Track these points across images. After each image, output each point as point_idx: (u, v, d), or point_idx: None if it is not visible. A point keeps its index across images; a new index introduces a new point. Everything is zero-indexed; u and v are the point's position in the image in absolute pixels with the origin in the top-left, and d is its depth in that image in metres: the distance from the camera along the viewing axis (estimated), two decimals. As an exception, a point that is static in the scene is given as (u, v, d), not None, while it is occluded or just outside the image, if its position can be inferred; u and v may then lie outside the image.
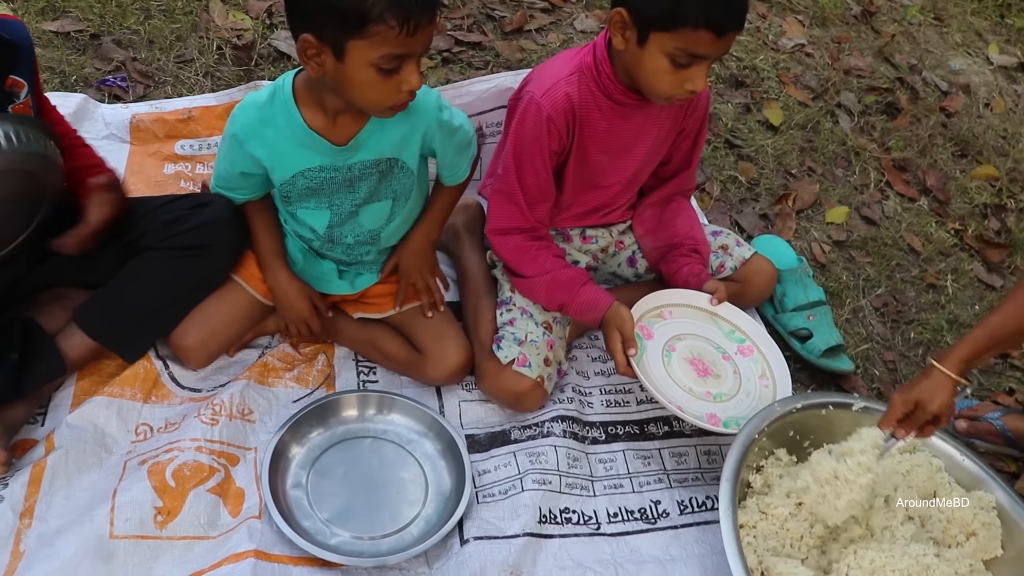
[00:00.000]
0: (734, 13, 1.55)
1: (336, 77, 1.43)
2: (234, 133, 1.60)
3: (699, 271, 1.93)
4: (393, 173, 1.67)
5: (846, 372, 2.12)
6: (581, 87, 1.72)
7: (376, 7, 1.31)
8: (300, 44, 1.40)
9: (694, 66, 1.58)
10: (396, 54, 1.37)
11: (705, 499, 1.80)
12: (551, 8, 3.07)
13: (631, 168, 1.88)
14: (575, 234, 2.01)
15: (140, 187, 2.15)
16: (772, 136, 2.80)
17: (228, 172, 1.68)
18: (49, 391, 1.72)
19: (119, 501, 1.54)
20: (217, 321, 1.78)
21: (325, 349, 1.91)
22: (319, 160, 1.60)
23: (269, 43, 2.60)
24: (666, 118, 1.84)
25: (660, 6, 1.53)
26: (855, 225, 2.59)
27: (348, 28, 1.34)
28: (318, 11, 1.35)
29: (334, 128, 1.58)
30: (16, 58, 1.47)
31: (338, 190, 1.65)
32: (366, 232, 1.75)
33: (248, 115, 1.59)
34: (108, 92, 2.36)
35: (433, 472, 1.73)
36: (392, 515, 1.66)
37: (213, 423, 1.68)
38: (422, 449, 1.76)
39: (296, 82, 1.56)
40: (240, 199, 1.74)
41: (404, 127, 1.62)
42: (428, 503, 1.68)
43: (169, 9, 2.64)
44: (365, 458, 1.74)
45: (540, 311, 1.85)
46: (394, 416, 1.80)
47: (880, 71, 3.21)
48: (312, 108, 1.56)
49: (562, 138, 1.75)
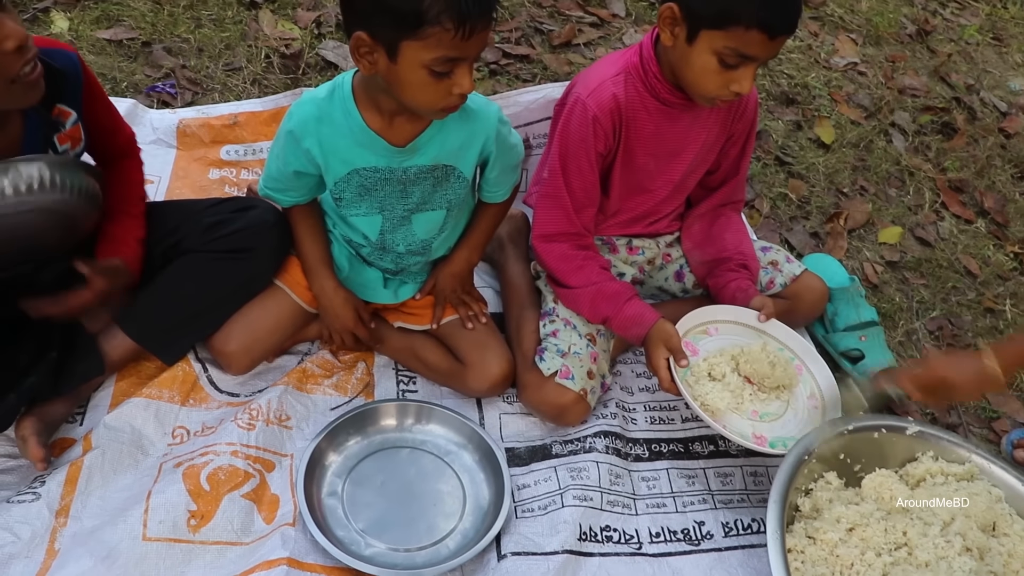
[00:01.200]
0: (788, 16, 1.52)
1: (387, 77, 1.41)
2: (291, 130, 1.57)
3: (747, 287, 1.88)
4: (449, 181, 1.65)
5: (899, 395, 2.04)
6: (628, 87, 1.70)
7: (433, 9, 1.29)
8: (353, 41, 1.38)
9: (742, 67, 1.55)
10: (450, 57, 1.35)
11: (751, 522, 1.74)
12: (600, 23, 3.05)
13: (678, 172, 1.84)
14: (621, 244, 1.97)
15: (185, 191, 2.16)
16: (823, 154, 2.74)
17: (280, 171, 1.65)
18: (88, 391, 1.72)
19: (153, 503, 1.52)
20: (260, 328, 1.77)
21: (365, 357, 1.89)
22: (375, 160, 1.58)
23: (317, 52, 2.61)
24: (714, 123, 1.80)
25: (713, 4, 1.51)
26: (909, 246, 2.51)
27: (403, 28, 1.32)
28: (374, 10, 1.33)
29: (391, 129, 1.55)
30: (63, 87, 1.48)
31: (391, 193, 1.63)
32: (418, 242, 1.73)
33: (306, 111, 1.56)
34: (157, 98, 2.38)
35: (471, 485, 1.69)
36: (428, 527, 1.62)
37: (250, 428, 1.67)
38: (461, 461, 1.73)
39: (354, 81, 1.54)
40: (287, 202, 1.71)
41: (463, 134, 1.60)
42: (465, 516, 1.65)
43: (219, 18, 2.66)
44: (402, 468, 1.71)
45: (584, 323, 1.81)
46: (433, 427, 1.76)
47: (936, 91, 3.13)
48: (370, 108, 1.53)
49: (608, 139, 1.72)
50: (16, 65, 1.28)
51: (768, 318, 1.81)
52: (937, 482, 1.67)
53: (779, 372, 1.75)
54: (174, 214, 1.77)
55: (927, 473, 1.69)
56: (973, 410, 2.10)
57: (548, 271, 1.85)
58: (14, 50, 1.26)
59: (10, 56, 1.26)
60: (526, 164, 2.14)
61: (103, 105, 1.63)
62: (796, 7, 1.54)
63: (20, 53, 1.27)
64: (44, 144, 1.49)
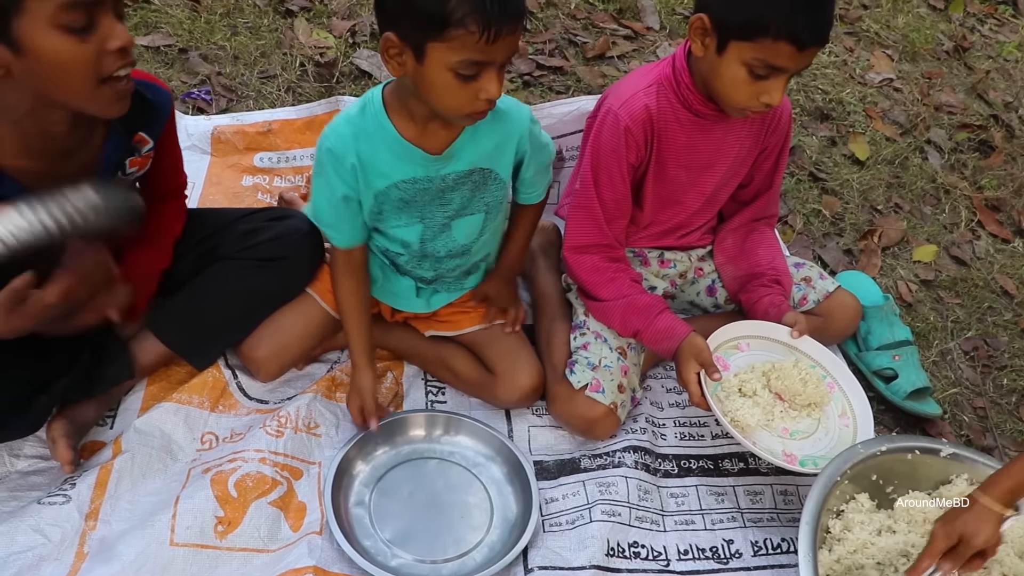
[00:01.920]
0: (817, 28, 1.51)
1: (415, 79, 1.41)
2: (329, 148, 1.55)
3: (780, 302, 1.86)
4: (486, 184, 1.64)
5: (933, 416, 2.01)
6: (660, 99, 1.69)
7: (458, 11, 1.29)
8: (383, 42, 1.38)
9: (772, 78, 1.54)
10: (475, 60, 1.34)
11: (780, 541, 1.71)
12: (634, 35, 3.04)
13: (710, 185, 1.83)
14: (653, 257, 1.96)
15: (218, 198, 2.18)
16: (858, 171, 2.71)
17: (330, 200, 1.59)
18: (119, 394, 1.73)
19: (181, 508, 1.53)
20: (290, 334, 1.77)
21: (394, 367, 1.89)
22: (412, 171, 1.57)
23: (351, 61, 2.62)
24: (747, 135, 1.79)
25: (742, 15, 1.50)
26: (944, 265, 2.48)
27: (429, 30, 1.32)
28: (402, 11, 1.34)
29: (425, 136, 1.55)
30: (149, 117, 1.51)
31: (430, 202, 1.62)
32: (459, 246, 1.71)
33: (341, 130, 1.55)
34: (192, 104, 2.40)
35: (499, 497, 1.68)
36: (455, 539, 1.61)
37: (278, 435, 1.67)
38: (489, 473, 1.72)
39: (385, 93, 1.54)
40: (342, 240, 1.64)
41: (497, 136, 1.60)
42: (493, 529, 1.64)
43: (255, 26, 2.68)
44: (430, 479, 1.70)
45: (615, 336, 1.79)
46: (461, 438, 1.76)
47: (973, 108, 3.09)
48: (403, 117, 1.53)
49: (640, 150, 1.71)
50: (113, 65, 1.28)
51: (801, 334, 1.78)
52: None
53: (811, 389, 1.73)
54: (209, 221, 1.77)
55: (961, 496, 1.65)
56: (1009, 432, 2.06)
57: (579, 283, 1.84)
58: (116, 50, 1.27)
59: (110, 55, 1.27)
60: (558, 176, 2.14)
61: (173, 146, 1.66)
62: (826, 19, 1.53)
63: (120, 56, 1.28)
64: (118, 165, 1.52)
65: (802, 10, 1.47)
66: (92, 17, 1.24)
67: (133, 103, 1.40)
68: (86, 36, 1.24)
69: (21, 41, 1.21)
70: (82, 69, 1.26)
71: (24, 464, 1.61)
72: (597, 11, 3.10)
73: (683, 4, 3.24)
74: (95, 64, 1.27)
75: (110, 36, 1.26)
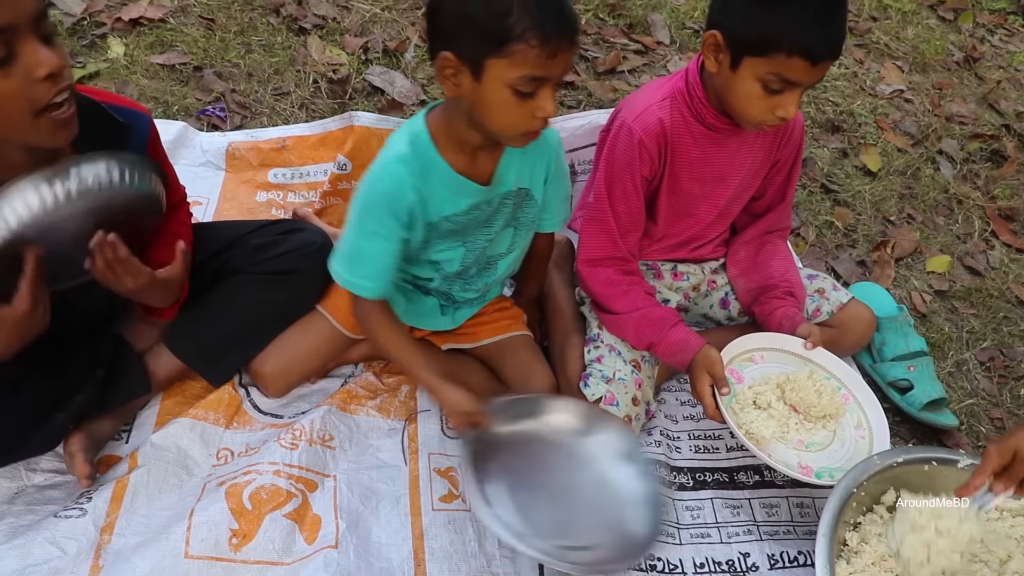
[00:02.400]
0: (829, 42, 1.51)
1: (472, 98, 1.40)
2: (385, 192, 1.49)
3: (794, 314, 1.86)
4: (526, 203, 1.66)
5: (949, 427, 2.00)
6: (673, 112, 1.70)
7: (518, 26, 1.29)
8: (439, 62, 1.37)
9: (786, 92, 1.55)
10: (534, 76, 1.34)
11: (797, 554, 1.70)
12: (644, 50, 3.05)
13: (723, 198, 1.84)
14: (666, 270, 1.96)
15: (232, 214, 2.19)
16: (870, 182, 2.71)
17: (385, 247, 1.53)
18: (135, 409, 1.74)
19: (196, 521, 1.53)
20: (298, 352, 1.78)
21: (408, 381, 1.89)
22: (466, 202, 1.56)
23: (364, 78, 2.64)
24: (760, 148, 1.79)
25: (754, 31, 1.51)
26: (958, 275, 2.47)
27: (489, 46, 1.32)
28: (460, 29, 1.33)
29: (475, 166, 1.54)
30: (122, 142, 1.46)
31: (477, 227, 1.62)
32: (494, 263, 1.73)
33: (394, 170, 1.50)
34: (207, 121, 2.42)
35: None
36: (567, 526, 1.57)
37: (293, 448, 1.67)
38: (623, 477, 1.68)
39: (430, 127, 1.52)
40: (377, 290, 1.58)
41: (532, 154, 1.60)
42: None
43: (269, 44, 2.71)
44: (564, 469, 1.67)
45: (629, 349, 1.79)
46: (602, 436, 1.71)
47: (984, 118, 3.09)
48: (451, 150, 1.51)
49: (653, 163, 1.71)
50: (45, 95, 1.21)
51: (815, 346, 1.78)
52: (992, 517, 1.62)
53: (825, 401, 1.72)
54: (222, 235, 1.78)
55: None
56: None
57: (592, 296, 1.84)
58: (44, 78, 1.19)
59: (41, 85, 1.20)
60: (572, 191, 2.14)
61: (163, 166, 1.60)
62: (839, 33, 1.53)
63: (51, 82, 1.21)
64: None
65: (814, 25, 1.48)
66: (10, 46, 1.17)
67: (100, 127, 1.36)
68: (8, 69, 1.17)
69: None
70: (11, 103, 1.19)
71: (41, 478, 1.61)
72: (608, 26, 3.12)
73: (693, 18, 3.25)
74: (25, 95, 1.20)
75: (35, 64, 1.18)
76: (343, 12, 2.89)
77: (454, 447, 1.77)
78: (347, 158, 2.25)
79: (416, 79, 2.67)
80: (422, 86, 2.65)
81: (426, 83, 2.67)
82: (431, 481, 1.70)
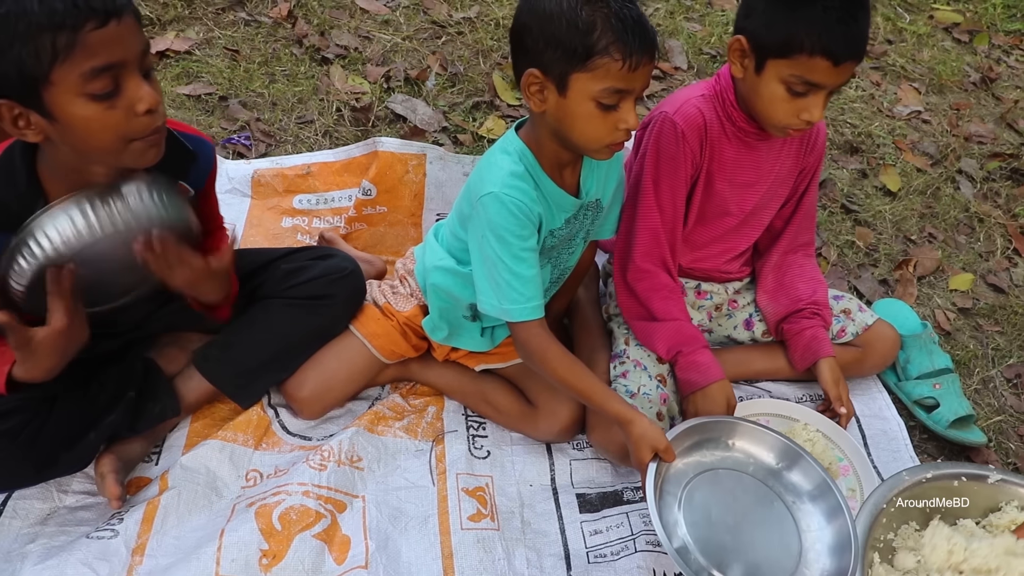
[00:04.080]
0: (851, 42, 1.53)
1: (557, 113, 1.45)
2: (518, 205, 1.51)
3: (821, 336, 1.88)
4: (597, 214, 1.70)
5: (977, 444, 1.98)
6: (710, 109, 1.72)
7: (601, 41, 1.36)
8: (525, 79, 1.44)
9: (811, 95, 1.57)
10: (617, 88, 1.39)
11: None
12: (662, 75, 3.08)
13: (750, 203, 1.84)
14: (690, 288, 1.97)
15: (259, 239, 2.22)
16: (890, 202, 2.71)
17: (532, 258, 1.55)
18: (164, 431, 1.76)
19: (226, 541, 1.53)
20: (336, 377, 1.80)
21: (435, 402, 1.90)
22: (563, 216, 1.62)
23: (386, 106, 2.67)
24: (787, 155, 1.81)
25: (777, 34, 1.53)
26: (981, 292, 2.46)
27: (573, 61, 1.38)
28: (545, 46, 1.40)
29: (564, 180, 1.60)
30: (189, 168, 1.53)
31: (567, 242, 1.67)
32: (562, 278, 1.78)
33: (516, 184, 1.52)
34: (233, 149, 2.46)
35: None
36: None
37: (321, 468, 1.68)
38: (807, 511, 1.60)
39: (527, 143, 1.56)
40: (540, 306, 1.59)
41: (605, 164, 1.65)
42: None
43: (292, 74, 2.75)
44: (738, 495, 1.61)
45: (654, 364, 1.80)
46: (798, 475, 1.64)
47: (1003, 137, 3.09)
48: (547, 165, 1.57)
49: (695, 158, 1.74)
50: (143, 129, 1.28)
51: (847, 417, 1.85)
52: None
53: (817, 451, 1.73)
54: (252, 261, 1.80)
55: (1012, 524, 1.63)
56: (1058, 460, 2.03)
57: (633, 295, 1.83)
58: (143, 113, 1.27)
59: (140, 119, 1.27)
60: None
61: (213, 197, 1.67)
62: (860, 32, 1.55)
63: (150, 117, 1.28)
64: None
65: (835, 25, 1.50)
66: (118, 81, 1.24)
67: (175, 153, 1.42)
68: (113, 101, 1.24)
69: (51, 110, 1.23)
70: (111, 132, 1.27)
71: (72, 500, 1.63)
72: (625, 52, 3.15)
73: (710, 44, 3.29)
74: (124, 127, 1.27)
75: (137, 99, 1.25)
76: (364, 42, 2.94)
77: (482, 467, 1.77)
78: (371, 183, 2.27)
79: (438, 106, 2.71)
80: (444, 113, 2.68)
81: (447, 110, 2.71)
82: (459, 501, 1.70)
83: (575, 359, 1.63)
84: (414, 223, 2.30)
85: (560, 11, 1.38)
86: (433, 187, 2.34)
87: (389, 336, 1.81)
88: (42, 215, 1.31)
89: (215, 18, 2.94)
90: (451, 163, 2.37)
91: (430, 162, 2.35)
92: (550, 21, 1.39)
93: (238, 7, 3.00)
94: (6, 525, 1.57)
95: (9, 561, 1.51)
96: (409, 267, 1.87)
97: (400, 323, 1.82)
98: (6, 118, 1.24)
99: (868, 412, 2.01)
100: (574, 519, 1.72)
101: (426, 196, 2.34)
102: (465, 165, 2.37)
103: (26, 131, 1.27)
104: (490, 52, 3.00)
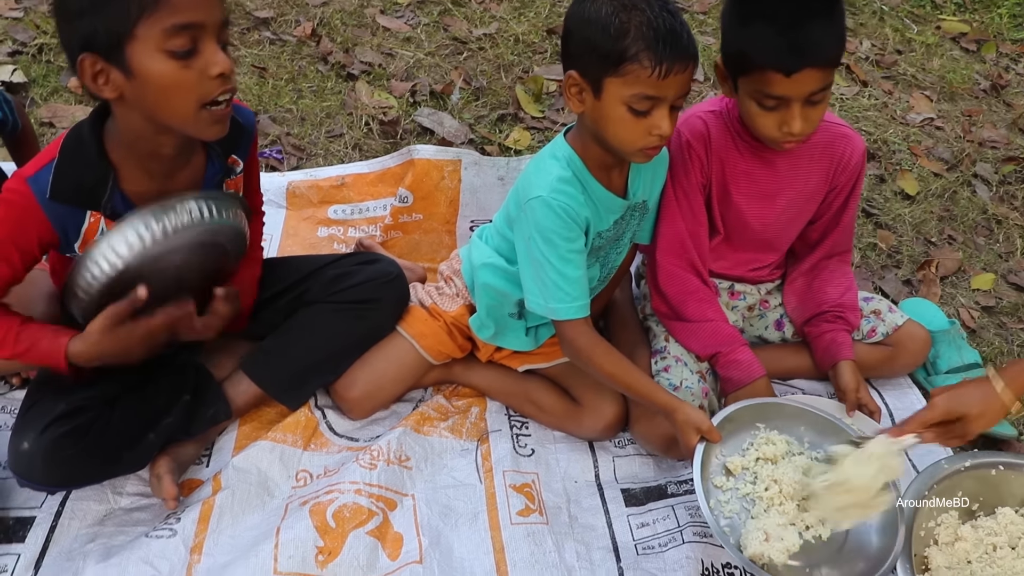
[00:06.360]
0: (798, 51, 1.52)
1: (593, 115, 1.51)
2: (565, 208, 1.56)
3: (841, 339, 1.91)
4: (644, 213, 1.75)
5: (1008, 438, 2.01)
6: (719, 123, 1.77)
7: (632, 47, 1.41)
8: (566, 80, 1.51)
9: (782, 108, 1.59)
10: (647, 95, 1.44)
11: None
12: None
13: (771, 215, 1.87)
14: (723, 288, 2.01)
15: (295, 249, 2.26)
16: (909, 205, 2.76)
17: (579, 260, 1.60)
18: (215, 434, 1.79)
19: (283, 538, 1.56)
20: (385, 377, 1.83)
21: (478, 403, 1.93)
22: (612, 218, 1.67)
23: (413, 119, 2.72)
24: (815, 171, 1.83)
25: (733, 52, 1.59)
26: (1003, 291, 2.50)
27: (607, 66, 1.44)
28: (584, 50, 1.47)
29: (612, 181, 1.65)
30: (240, 140, 1.59)
31: (614, 243, 1.71)
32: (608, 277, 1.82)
33: (563, 188, 1.57)
34: (265, 163, 2.50)
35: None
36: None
37: (371, 467, 1.71)
38: None
39: (575, 147, 1.61)
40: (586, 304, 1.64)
41: (652, 166, 1.69)
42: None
43: (319, 90, 2.81)
44: None
45: (695, 360, 1.84)
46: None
47: (1016, 142, 3.15)
48: (594, 168, 1.61)
49: (703, 166, 1.77)
50: (215, 91, 1.34)
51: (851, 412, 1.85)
52: None
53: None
54: (298, 268, 1.85)
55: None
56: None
57: (664, 298, 1.87)
58: (217, 76, 1.32)
59: (211, 81, 1.33)
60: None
61: (256, 166, 1.73)
62: (809, 40, 1.52)
63: (221, 80, 1.34)
64: (217, 186, 1.59)
65: (778, 37, 1.52)
66: (196, 42, 1.30)
67: (232, 129, 1.47)
68: (189, 61, 1.30)
69: (132, 65, 1.29)
70: (184, 93, 1.33)
71: (127, 501, 1.66)
72: (642, 65, 3.20)
73: (724, 55, 3.34)
74: (197, 88, 1.33)
75: (212, 63, 1.32)
76: (388, 59, 3.00)
77: (527, 464, 1.81)
78: (408, 190, 2.32)
79: (463, 119, 2.76)
80: (470, 126, 2.74)
81: (473, 123, 2.76)
82: (508, 497, 1.73)
83: (620, 355, 1.67)
84: (448, 231, 2.34)
85: (598, 17, 1.44)
86: (468, 193, 2.38)
87: (436, 336, 1.84)
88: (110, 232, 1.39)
89: (240, 37, 3.00)
90: (486, 167, 2.41)
91: (465, 167, 2.39)
92: (588, 26, 1.45)
93: (263, 27, 3.06)
94: (66, 526, 1.60)
95: (71, 560, 1.54)
96: (455, 267, 1.91)
97: (447, 323, 1.86)
98: (88, 73, 1.31)
99: (900, 406, 2.04)
100: (620, 513, 1.74)
101: (461, 202, 2.38)
102: (499, 168, 2.42)
103: (104, 87, 1.33)
104: (512, 66, 3.06)
